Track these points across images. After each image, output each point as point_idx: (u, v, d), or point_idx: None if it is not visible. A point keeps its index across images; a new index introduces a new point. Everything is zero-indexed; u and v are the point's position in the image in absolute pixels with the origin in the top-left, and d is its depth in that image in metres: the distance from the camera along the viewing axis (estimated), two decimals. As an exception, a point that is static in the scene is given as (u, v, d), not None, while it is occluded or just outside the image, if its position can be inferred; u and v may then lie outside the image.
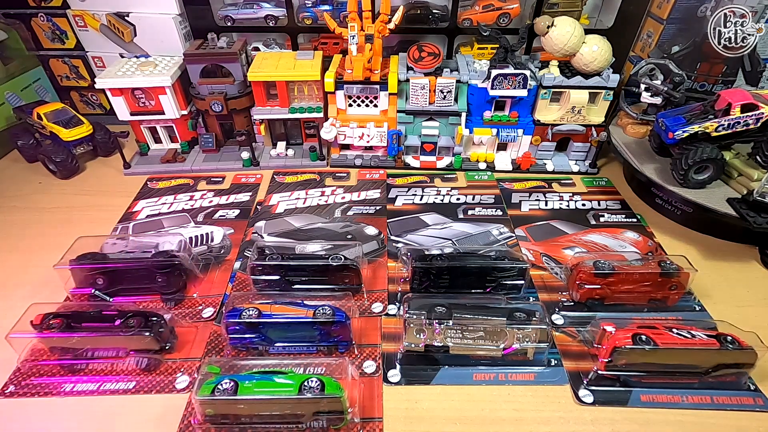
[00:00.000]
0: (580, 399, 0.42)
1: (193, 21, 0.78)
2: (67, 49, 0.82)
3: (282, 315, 0.45)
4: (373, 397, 0.42)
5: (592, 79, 0.67)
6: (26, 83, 0.83)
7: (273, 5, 0.79)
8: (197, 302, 0.52)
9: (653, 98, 0.65)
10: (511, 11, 0.78)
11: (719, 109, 0.55)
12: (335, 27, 0.67)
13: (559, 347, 0.47)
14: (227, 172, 0.74)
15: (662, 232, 0.62)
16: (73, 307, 0.47)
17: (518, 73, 0.66)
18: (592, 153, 0.74)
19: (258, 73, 0.71)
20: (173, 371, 0.45)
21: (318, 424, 0.39)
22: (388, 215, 0.65)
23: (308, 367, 0.41)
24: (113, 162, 0.77)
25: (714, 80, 0.66)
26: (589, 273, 0.49)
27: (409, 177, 0.73)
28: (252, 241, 0.60)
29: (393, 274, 0.55)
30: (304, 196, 0.69)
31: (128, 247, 0.55)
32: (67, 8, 0.76)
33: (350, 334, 0.45)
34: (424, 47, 0.70)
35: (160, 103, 0.73)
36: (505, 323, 0.44)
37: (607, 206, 0.67)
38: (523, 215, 0.65)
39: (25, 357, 0.45)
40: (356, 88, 0.70)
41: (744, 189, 0.56)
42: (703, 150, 0.55)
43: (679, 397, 0.42)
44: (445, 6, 0.81)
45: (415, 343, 0.44)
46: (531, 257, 0.58)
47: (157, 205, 0.67)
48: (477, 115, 0.72)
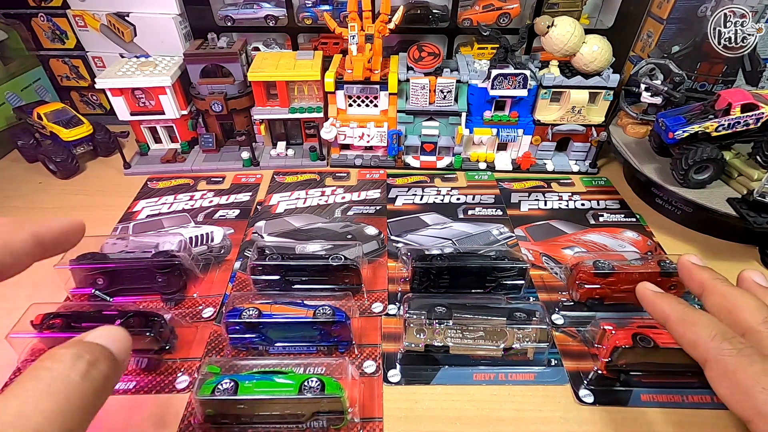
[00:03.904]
0: (581, 399, 0.42)
1: (193, 21, 0.78)
2: (67, 49, 0.82)
3: (282, 315, 0.45)
4: (373, 397, 0.42)
5: (592, 79, 0.67)
6: (26, 83, 0.83)
7: (273, 5, 0.79)
8: (197, 302, 0.52)
9: (653, 98, 0.65)
10: (511, 11, 0.79)
11: (719, 109, 0.55)
12: (335, 27, 0.67)
13: (559, 347, 0.47)
14: (227, 172, 0.74)
15: (662, 232, 0.62)
16: (73, 307, 0.47)
17: (518, 73, 0.66)
18: (592, 153, 0.74)
19: (258, 73, 0.71)
20: (173, 371, 0.45)
21: (318, 424, 0.39)
22: (388, 215, 0.65)
23: (308, 367, 0.41)
24: (113, 162, 0.77)
25: (714, 80, 0.66)
26: (588, 273, 0.49)
27: (409, 177, 0.73)
28: (252, 241, 0.60)
29: (393, 274, 0.55)
30: (304, 196, 0.69)
31: (128, 247, 0.55)
32: (67, 8, 0.76)
33: (350, 334, 0.45)
34: (424, 47, 0.70)
35: (160, 103, 0.73)
36: (505, 323, 0.44)
37: (606, 206, 0.67)
38: (523, 215, 0.65)
39: (25, 357, 0.45)
40: (356, 88, 0.70)
41: (744, 189, 0.56)
42: (703, 150, 0.55)
43: (679, 397, 0.42)
44: (445, 6, 0.81)
45: (415, 343, 0.44)
46: (530, 257, 0.58)
47: (157, 205, 0.67)
48: (477, 115, 0.72)
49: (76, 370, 0.21)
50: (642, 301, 0.38)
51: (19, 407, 0.19)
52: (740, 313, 0.33)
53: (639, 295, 0.39)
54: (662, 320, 0.36)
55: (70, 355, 0.22)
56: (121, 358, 0.24)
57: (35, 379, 0.20)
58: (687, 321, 0.33)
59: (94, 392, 0.21)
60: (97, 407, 0.22)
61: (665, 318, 0.35)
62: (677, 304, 0.35)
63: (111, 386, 0.23)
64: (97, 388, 0.22)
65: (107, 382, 0.23)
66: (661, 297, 0.37)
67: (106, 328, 0.25)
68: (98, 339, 0.24)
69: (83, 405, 0.20)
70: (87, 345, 0.23)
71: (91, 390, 0.21)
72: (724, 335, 0.31)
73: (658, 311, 0.36)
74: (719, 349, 0.30)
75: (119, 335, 0.25)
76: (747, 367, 0.29)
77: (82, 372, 0.21)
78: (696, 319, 0.33)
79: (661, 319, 0.36)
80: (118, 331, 0.25)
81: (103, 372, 0.22)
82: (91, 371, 0.22)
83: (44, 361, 0.21)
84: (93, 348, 0.23)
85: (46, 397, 0.20)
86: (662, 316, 0.36)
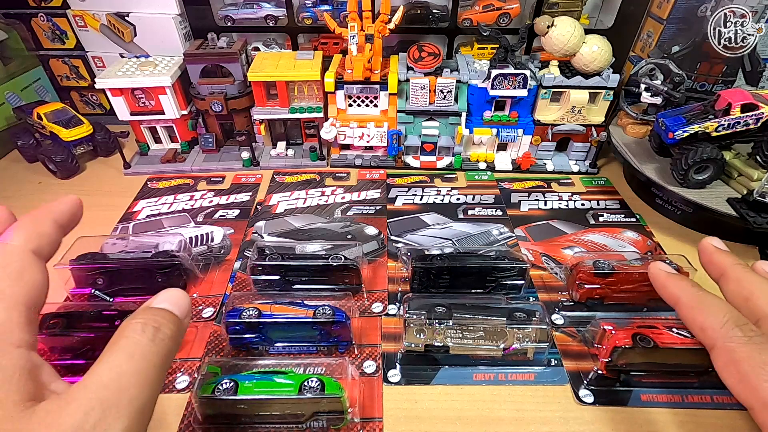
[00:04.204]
0: (580, 399, 0.42)
1: (193, 21, 0.78)
2: (67, 49, 0.82)
3: (282, 315, 0.45)
4: (373, 397, 0.42)
5: (592, 79, 0.67)
6: (26, 83, 0.83)
7: (273, 5, 0.79)
8: (197, 302, 0.52)
9: (653, 98, 0.65)
10: (511, 11, 0.79)
11: (719, 109, 0.55)
12: (335, 27, 0.67)
13: (559, 347, 0.47)
14: (227, 172, 0.74)
15: (662, 232, 0.62)
16: (73, 307, 0.47)
17: (518, 73, 0.66)
18: (592, 153, 0.74)
19: (258, 73, 0.71)
20: (173, 371, 0.45)
21: (318, 424, 0.39)
22: (388, 215, 0.65)
23: (308, 367, 0.41)
24: (113, 162, 0.77)
25: (714, 80, 0.66)
26: (588, 273, 0.49)
27: (409, 177, 0.73)
28: (252, 241, 0.60)
29: (393, 274, 0.55)
30: (304, 196, 0.69)
31: (128, 247, 0.55)
32: (67, 8, 0.76)
33: (350, 334, 0.45)
34: (424, 47, 0.70)
35: (160, 103, 0.73)
36: (505, 323, 0.44)
37: (606, 206, 0.67)
38: (523, 215, 0.65)
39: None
40: (356, 88, 0.70)
41: (744, 189, 0.56)
42: (703, 150, 0.55)
43: (679, 397, 0.42)
44: (445, 6, 0.81)
45: (415, 343, 0.44)
46: (530, 257, 0.58)
47: (157, 205, 0.67)
48: (477, 115, 0.72)
49: (146, 335, 0.26)
50: (654, 281, 0.37)
51: (109, 371, 0.24)
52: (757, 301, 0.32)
53: (651, 275, 0.38)
54: (673, 302, 0.35)
55: (139, 324, 0.27)
56: (182, 316, 0.29)
57: (116, 347, 0.26)
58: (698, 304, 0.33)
59: (163, 350, 0.26)
60: (169, 361, 0.27)
61: (676, 300, 0.35)
62: (690, 287, 0.34)
63: (177, 343, 0.28)
64: (165, 346, 0.27)
65: (173, 341, 0.28)
66: (673, 278, 0.36)
67: (167, 291, 0.30)
68: (161, 303, 0.29)
69: (158, 362, 0.26)
70: (151, 312, 0.28)
71: (161, 349, 0.26)
72: (736, 322, 0.30)
73: (670, 292, 0.35)
74: (729, 335, 0.30)
75: (178, 297, 0.30)
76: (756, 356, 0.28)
77: (151, 336, 0.26)
78: (708, 303, 0.32)
79: (672, 300, 0.35)
80: (177, 293, 0.30)
81: (167, 333, 0.27)
82: (157, 334, 0.27)
83: (122, 331, 0.27)
84: (156, 313, 0.28)
85: (128, 360, 0.25)
86: (673, 297, 0.35)
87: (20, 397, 0.23)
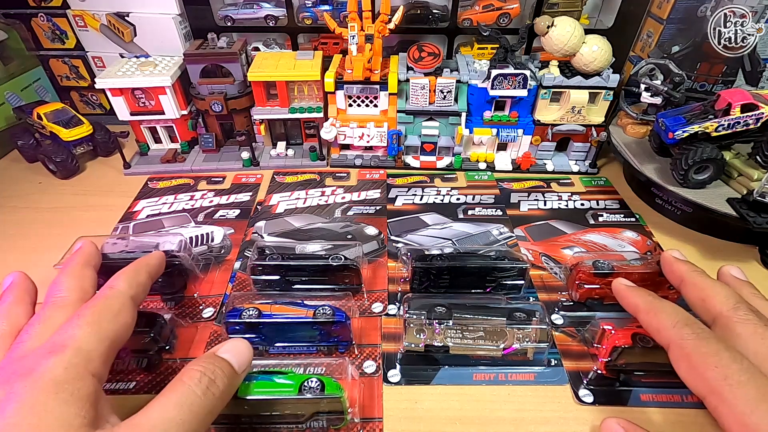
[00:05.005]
0: (580, 399, 0.42)
1: (193, 21, 0.78)
2: (67, 49, 0.82)
3: (282, 315, 0.45)
4: (373, 397, 0.42)
5: (592, 79, 0.67)
6: (26, 83, 0.83)
7: (273, 5, 0.79)
8: (197, 302, 0.52)
9: (653, 98, 0.65)
10: (511, 11, 0.79)
11: (719, 109, 0.55)
12: (335, 27, 0.67)
13: (559, 347, 0.47)
14: (227, 172, 0.75)
15: (662, 232, 0.62)
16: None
17: (518, 73, 0.66)
18: (592, 153, 0.74)
19: (258, 73, 0.71)
20: (173, 371, 0.44)
21: (318, 424, 0.39)
22: (388, 215, 0.65)
23: (308, 367, 0.41)
24: (113, 162, 0.77)
25: (714, 80, 0.66)
26: (588, 273, 0.49)
27: (409, 177, 0.73)
28: (252, 241, 0.60)
29: (393, 274, 0.55)
30: (304, 196, 0.69)
31: (128, 247, 0.55)
32: (67, 8, 0.76)
33: (350, 334, 0.45)
34: (424, 47, 0.70)
35: (160, 103, 0.73)
36: (505, 323, 0.44)
37: (605, 206, 0.67)
38: (523, 215, 0.65)
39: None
40: (356, 88, 0.70)
41: (744, 189, 0.56)
42: (703, 150, 0.55)
43: (679, 397, 0.42)
44: (445, 6, 0.81)
45: (415, 343, 0.44)
46: (530, 257, 0.58)
47: (158, 205, 0.67)
48: (477, 115, 0.72)
49: (200, 387, 0.29)
50: (616, 295, 0.42)
51: (160, 415, 0.27)
52: (711, 301, 0.36)
53: (614, 289, 0.43)
54: (633, 311, 0.39)
55: (198, 372, 0.29)
56: (240, 370, 0.32)
57: (172, 392, 0.28)
58: (653, 310, 0.37)
59: (211, 404, 0.29)
60: (216, 413, 0.29)
61: (636, 308, 0.39)
62: (646, 296, 0.39)
63: (228, 395, 0.31)
64: (213, 400, 0.29)
65: (223, 395, 0.30)
66: (632, 290, 0.41)
67: (232, 342, 0.33)
68: (224, 354, 0.32)
69: (203, 413, 0.28)
70: (212, 362, 0.31)
71: (209, 402, 0.29)
72: (686, 322, 0.34)
73: (630, 303, 0.40)
74: (680, 334, 0.34)
75: (241, 349, 0.33)
76: (702, 349, 0.32)
77: (204, 389, 0.29)
78: (661, 308, 0.37)
79: (633, 309, 0.40)
80: (241, 345, 0.33)
81: (220, 387, 0.30)
82: (210, 388, 0.29)
83: (182, 375, 0.29)
84: (216, 365, 0.31)
85: (177, 408, 0.27)
86: (633, 307, 0.39)
87: (82, 421, 0.26)
